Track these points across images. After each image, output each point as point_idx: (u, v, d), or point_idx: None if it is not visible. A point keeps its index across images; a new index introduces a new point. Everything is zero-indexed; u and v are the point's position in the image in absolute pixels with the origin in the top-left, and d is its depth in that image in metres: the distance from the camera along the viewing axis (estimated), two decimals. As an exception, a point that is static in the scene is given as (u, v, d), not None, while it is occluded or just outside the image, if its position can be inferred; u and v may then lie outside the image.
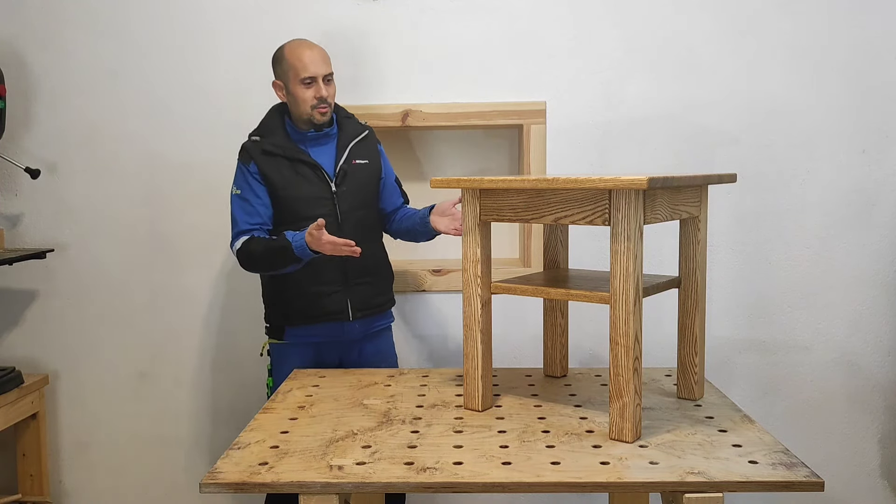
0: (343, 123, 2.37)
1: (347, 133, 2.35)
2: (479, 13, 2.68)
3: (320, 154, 2.31)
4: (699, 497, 1.42)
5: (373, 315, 2.37)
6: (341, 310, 2.30)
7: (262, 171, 2.26)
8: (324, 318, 2.30)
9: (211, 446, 2.84)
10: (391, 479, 1.45)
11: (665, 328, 2.63)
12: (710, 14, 2.65)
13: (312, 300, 2.28)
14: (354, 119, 2.42)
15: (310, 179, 2.27)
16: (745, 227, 2.73)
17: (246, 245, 2.21)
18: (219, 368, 2.82)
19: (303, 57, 2.22)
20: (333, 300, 2.29)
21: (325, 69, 2.25)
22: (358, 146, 2.35)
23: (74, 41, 2.69)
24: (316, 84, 2.23)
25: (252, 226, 2.25)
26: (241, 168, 2.28)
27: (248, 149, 2.29)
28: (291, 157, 2.27)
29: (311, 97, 2.23)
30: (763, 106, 2.68)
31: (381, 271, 2.40)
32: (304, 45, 2.26)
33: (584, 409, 1.84)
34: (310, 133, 2.29)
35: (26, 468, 2.72)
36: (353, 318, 2.31)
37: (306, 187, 2.26)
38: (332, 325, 2.32)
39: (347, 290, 2.30)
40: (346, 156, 2.32)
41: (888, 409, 2.77)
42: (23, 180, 2.72)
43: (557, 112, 2.69)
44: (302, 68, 2.22)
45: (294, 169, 2.26)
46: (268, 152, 2.27)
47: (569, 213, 1.64)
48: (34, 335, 2.80)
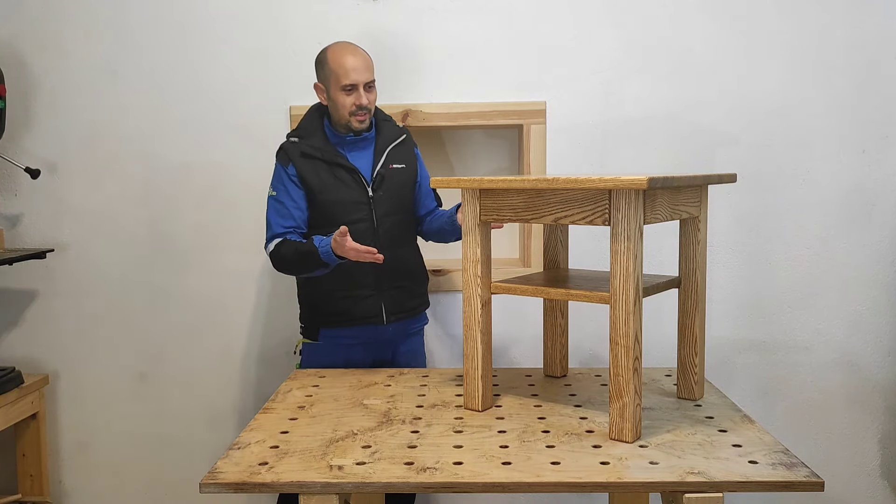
0: (381, 127, 2.36)
1: (385, 137, 2.34)
2: (479, 13, 2.68)
3: (358, 158, 2.30)
4: (699, 497, 1.42)
5: (407, 318, 2.38)
6: (375, 314, 2.30)
7: (300, 173, 2.25)
8: (358, 322, 2.30)
9: (211, 446, 2.84)
10: (391, 479, 1.45)
11: (665, 328, 2.63)
12: (710, 14, 2.65)
13: (347, 303, 2.29)
14: (392, 122, 2.41)
15: (347, 183, 2.26)
16: (745, 227, 2.73)
17: (278, 248, 2.22)
18: (219, 368, 2.82)
19: (345, 63, 2.20)
20: (368, 304, 2.29)
21: (366, 77, 2.22)
22: (395, 150, 2.34)
23: (74, 41, 2.69)
24: (356, 91, 2.21)
25: (286, 229, 2.25)
26: (280, 169, 2.28)
27: (287, 150, 2.28)
28: (330, 161, 2.26)
29: (351, 104, 2.22)
30: (763, 106, 2.68)
31: (415, 275, 2.40)
32: (348, 51, 2.23)
33: (584, 409, 1.84)
34: (348, 137, 2.28)
35: (26, 468, 2.72)
36: (387, 321, 2.32)
37: (344, 191, 2.26)
38: (366, 329, 2.32)
39: (382, 294, 2.30)
40: (384, 160, 2.31)
41: (888, 409, 2.77)
42: (23, 180, 2.72)
43: (557, 112, 2.69)
44: (343, 75, 2.20)
45: (332, 172, 2.26)
46: (306, 154, 2.26)
47: (569, 213, 1.64)
48: (34, 335, 2.80)
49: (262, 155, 2.69)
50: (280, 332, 2.79)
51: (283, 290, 2.76)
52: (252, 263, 2.75)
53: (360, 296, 2.29)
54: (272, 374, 2.81)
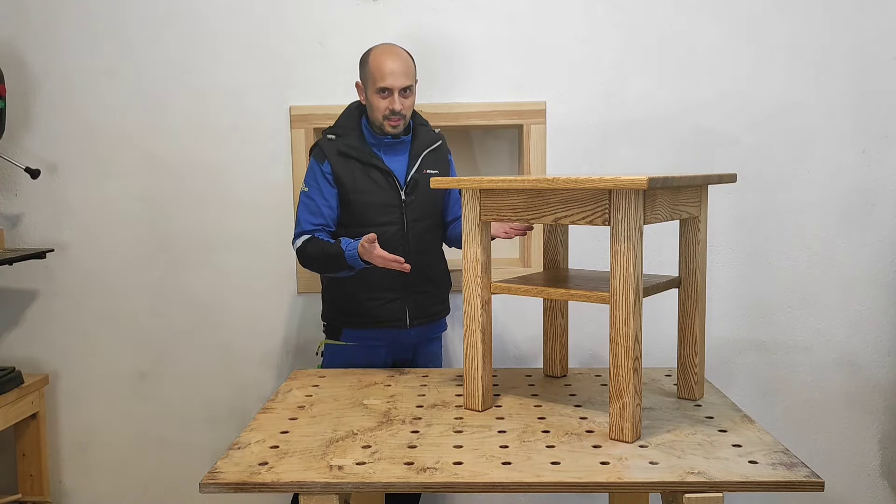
0: (418, 131, 2.35)
1: (421, 141, 2.34)
2: (479, 13, 2.68)
3: (393, 160, 2.29)
4: (699, 497, 1.42)
5: (429, 323, 2.38)
6: (399, 317, 2.30)
7: (335, 171, 2.24)
8: (382, 324, 2.30)
9: (211, 446, 2.84)
10: (391, 479, 1.45)
11: (665, 328, 2.63)
12: (711, 14, 2.65)
13: (372, 306, 2.29)
14: (429, 127, 2.40)
15: (381, 185, 2.26)
16: (745, 227, 2.73)
17: (304, 245, 2.22)
18: (218, 368, 2.82)
19: (383, 66, 2.19)
20: (392, 307, 2.29)
21: (403, 82, 2.20)
22: (430, 155, 2.34)
23: (74, 41, 2.69)
24: (391, 96, 2.19)
25: (314, 226, 2.25)
26: (314, 166, 2.27)
27: (324, 147, 2.27)
28: (365, 161, 2.25)
29: (385, 108, 2.21)
30: (763, 106, 2.68)
31: (440, 281, 2.40)
32: (389, 54, 2.22)
33: (584, 409, 1.84)
34: (386, 139, 2.27)
35: (26, 468, 2.72)
36: (410, 325, 2.32)
37: (377, 193, 2.25)
38: (389, 331, 2.32)
39: (406, 298, 2.30)
40: (419, 165, 2.30)
41: (888, 409, 2.77)
42: (23, 180, 2.72)
43: (557, 112, 2.69)
44: (380, 78, 2.18)
45: (366, 173, 2.25)
46: (342, 153, 2.25)
47: (569, 213, 1.64)
48: (34, 335, 2.80)
49: (261, 155, 2.69)
50: (280, 333, 2.79)
51: (282, 290, 2.76)
52: (252, 263, 2.75)
53: (386, 299, 2.29)
54: (272, 374, 2.81)
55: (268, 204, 2.72)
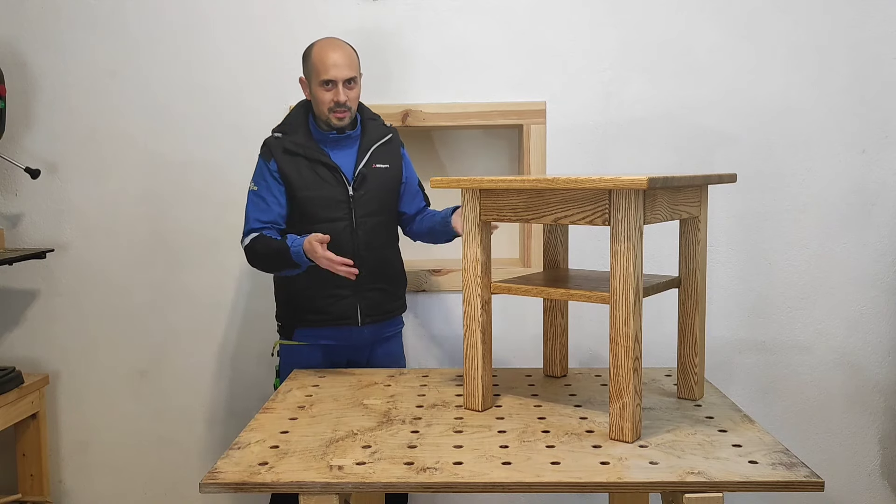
0: (367, 126, 2.35)
1: (371, 136, 2.33)
2: (478, 13, 2.68)
3: (341, 156, 2.29)
4: (699, 497, 1.42)
5: (383, 321, 2.37)
6: (351, 315, 2.29)
7: (281, 169, 2.24)
8: (333, 322, 2.29)
9: (211, 446, 2.84)
10: (391, 479, 1.45)
11: (665, 328, 2.63)
12: (710, 14, 2.65)
13: (323, 303, 2.28)
14: (379, 121, 2.40)
15: (328, 181, 2.25)
16: (745, 227, 2.73)
17: (252, 243, 2.21)
18: (219, 368, 2.82)
19: (326, 59, 2.19)
20: (344, 305, 2.28)
21: (347, 73, 2.20)
22: (380, 149, 2.33)
23: (74, 41, 2.69)
24: (336, 88, 2.20)
25: (263, 224, 2.24)
26: (262, 164, 2.27)
27: (270, 145, 2.28)
28: (311, 158, 2.25)
29: (330, 100, 2.21)
30: (763, 106, 2.68)
31: (394, 277, 2.39)
32: (331, 47, 2.22)
33: (584, 409, 1.84)
34: (331, 135, 2.28)
35: (26, 468, 2.72)
36: (363, 323, 2.31)
37: (324, 189, 2.25)
38: (341, 329, 2.31)
39: (359, 296, 2.29)
40: (367, 159, 2.30)
41: (888, 409, 2.78)
42: (23, 180, 2.72)
43: (557, 112, 2.69)
44: (323, 70, 2.19)
45: (313, 170, 2.25)
46: (289, 151, 2.25)
47: (569, 213, 1.64)
48: (34, 335, 2.80)
49: (262, 155, 2.69)
50: (280, 332, 2.79)
51: (283, 290, 2.76)
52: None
53: (338, 296, 2.27)
54: (272, 374, 2.81)
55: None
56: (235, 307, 2.79)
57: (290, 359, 2.35)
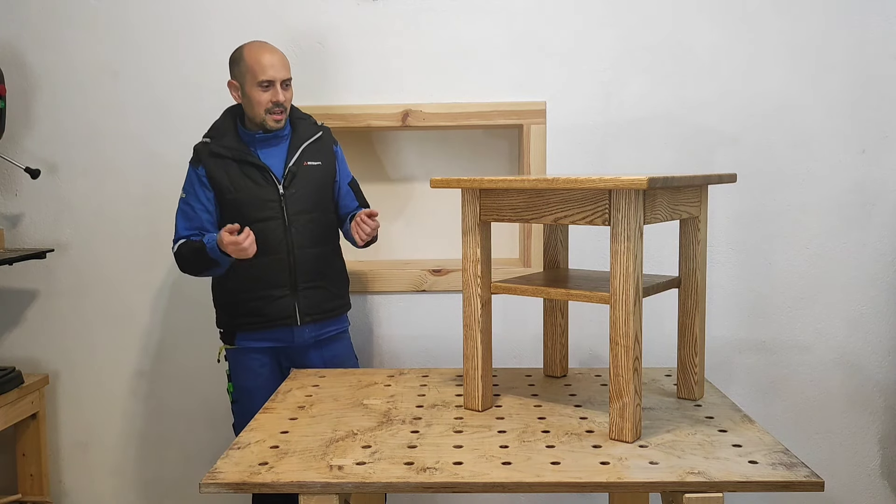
0: (297, 125, 2.35)
1: (300, 134, 2.33)
2: (478, 13, 2.68)
3: (270, 156, 2.29)
4: (699, 497, 1.42)
5: (324, 320, 2.35)
6: (289, 314, 2.28)
7: (209, 174, 2.25)
8: (272, 324, 2.28)
9: (211, 446, 2.84)
10: (391, 479, 1.45)
11: (665, 328, 2.63)
12: (710, 14, 2.65)
13: (259, 305, 2.27)
14: (310, 120, 2.40)
15: (257, 182, 2.25)
16: (745, 227, 2.73)
17: (179, 248, 2.24)
18: (218, 368, 2.81)
19: (262, 60, 2.21)
20: (281, 304, 2.27)
21: (283, 74, 2.23)
22: (311, 147, 2.33)
23: (74, 41, 2.69)
24: (273, 88, 2.21)
25: (190, 231, 2.26)
26: (191, 171, 2.28)
27: (199, 151, 2.29)
28: (240, 159, 2.25)
29: (267, 101, 2.22)
30: (763, 106, 2.68)
31: (332, 275, 2.37)
32: (265, 48, 2.24)
33: (584, 409, 1.84)
34: (258, 135, 2.27)
35: (26, 468, 2.72)
36: (302, 322, 2.29)
37: (253, 190, 2.25)
38: (281, 331, 2.30)
39: (295, 295, 2.28)
40: (297, 157, 2.29)
41: (888, 409, 2.78)
42: (23, 180, 2.72)
43: (557, 112, 2.69)
44: (261, 71, 2.20)
45: (242, 171, 2.25)
46: (216, 154, 2.26)
47: (569, 213, 1.64)
48: (34, 335, 2.80)
49: (262, 155, 2.69)
50: (280, 332, 2.79)
51: (283, 290, 2.76)
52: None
53: (274, 296, 2.27)
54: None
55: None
56: (235, 307, 2.78)
57: (237, 364, 2.35)
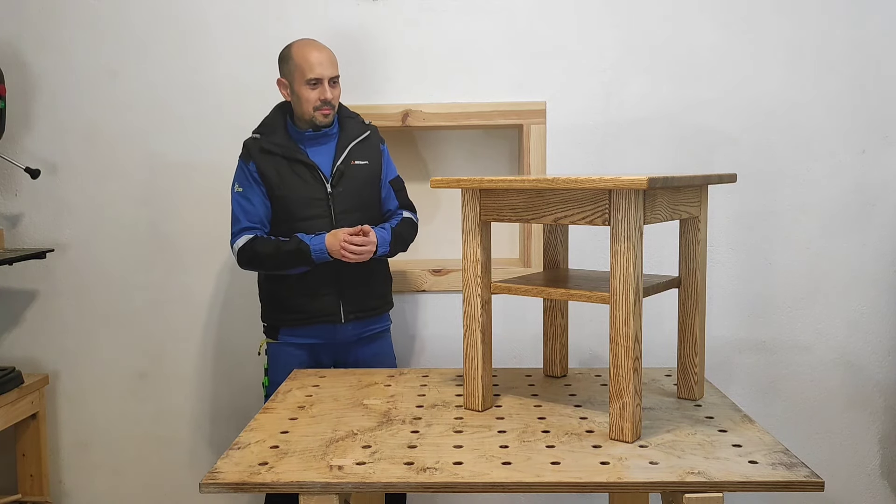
0: (345, 123, 2.36)
1: (348, 133, 2.35)
2: (479, 13, 2.68)
3: (318, 154, 2.31)
4: (699, 497, 1.42)
5: (367, 318, 2.37)
6: (333, 312, 2.30)
7: (260, 169, 2.27)
8: (316, 320, 2.30)
9: (211, 446, 2.84)
10: (391, 479, 1.45)
11: (665, 328, 2.63)
12: (710, 14, 2.65)
13: (305, 301, 2.29)
14: (358, 119, 2.41)
15: (306, 180, 2.27)
16: (745, 227, 2.73)
17: (251, 244, 2.23)
18: (219, 368, 2.82)
19: (310, 57, 2.22)
20: (325, 302, 2.29)
21: (331, 71, 2.25)
22: (358, 147, 2.34)
23: (74, 41, 2.69)
24: (321, 86, 2.23)
25: (253, 224, 2.27)
26: (242, 166, 2.30)
27: (249, 147, 2.31)
28: (289, 157, 2.27)
29: (315, 98, 2.23)
30: (762, 106, 2.68)
31: (377, 274, 2.39)
32: (313, 46, 2.26)
33: (584, 409, 1.84)
34: (307, 133, 2.29)
35: (26, 468, 2.72)
36: (345, 320, 2.31)
37: (302, 188, 2.26)
38: (324, 327, 2.32)
39: (340, 293, 2.30)
40: (345, 156, 2.31)
41: (888, 409, 2.77)
42: (23, 180, 2.72)
43: (557, 112, 2.69)
44: (308, 69, 2.22)
45: (291, 168, 2.27)
46: (266, 151, 2.27)
47: (569, 213, 1.64)
48: (34, 335, 2.80)
49: (262, 155, 2.69)
50: (280, 332, 2.79)
51: (283, 290, 2.76)
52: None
53: (318, 293, 2.29)
54: (272, 374, 2.81)
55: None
56: (235, 307, 2.78)
57: (276, 358, 2.37)
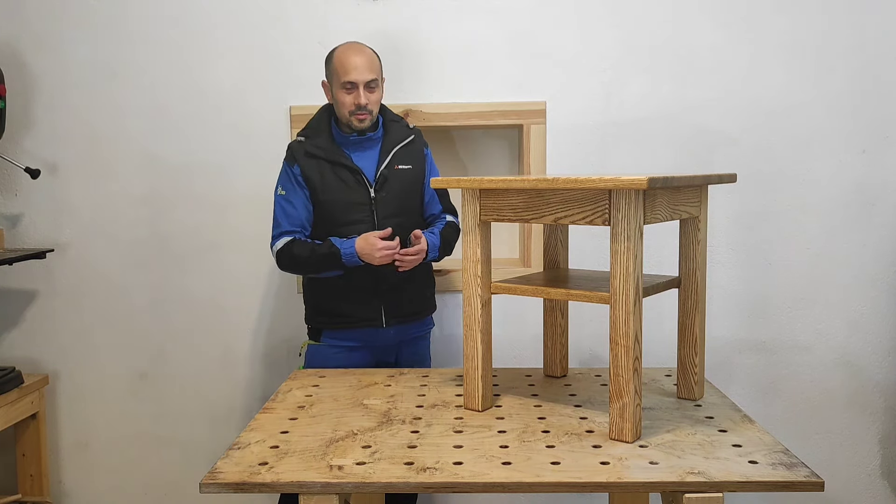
0: (389, 127, 2.36)
1: (392, 137, 2.34)
2: (479, 13, 2.68)
3: (363, 158, 2.30)
4: (699, 497, 1.42)
5: (409, 322, 2.37)
6: (375, 316, 2.30)
7: (304, 173, 2.26)
8: (358, 324, 2.31)
9: (211, 446, 2.84)
10: (391, 479, 1.45)
11: (665, 328, 2.63)
12: (710, 14, 2.65)
13: (346, 306, 2.30)
14: (403, 122, 2.41)
15: (349, 184, 2.27)
16: (745, 227, 2.73)
17: (289, 247, 2.23)
18: (218, 368, 2.82)
19: (346, 62, 2.22)
20: (368, 306, 2.30)
21: (367, 76, 2.22)
22: (402, 150, 2.34)
23: (74, 41, 2.69)
24: (356, 90, 2.22)
25: (294, 227, 2.27)
26: (286, 169, 2.30)
27: (293, 149, 2.30)
28: (333, 161, 2.27)
29: (351, 103, 2.23)
30: (763, 106, 2.68)
31: (418, 278, 2.38)
32: (352, 50, 2.25)
33: (584, 409, 1.84)
34: (352, 137, 2.29)
35: (26, 468, 2.72)
36: (387, 325, 2.32)
37: (345, 192, 2.26)
38: (366, 331, 2.32)
39: (382, 297, 2.30)
40: (389, 161, 2.30)
41: (888, 409, 2.77)
42: (23, 180, 2.72)
43: (557, 112, 2.69)
44: (343, 73, 2.21)
45: (335, 172, 2.27)
46: (311, 154, 2.27)
47: (569, 213, 1.64)
48: (34, 335, 2.80)
49: (261, 155, 2.69)
50: (280, 332, 2.79)
51: (282, 290, 2.76)
52: (252, 263, 2.75)
53: (361, 298, 2.29)
54: (272, 374, 2.81)
55: (268, 204, 2.70)
56: (235, 308, 2.78)
57: (315, 359, 2.37)
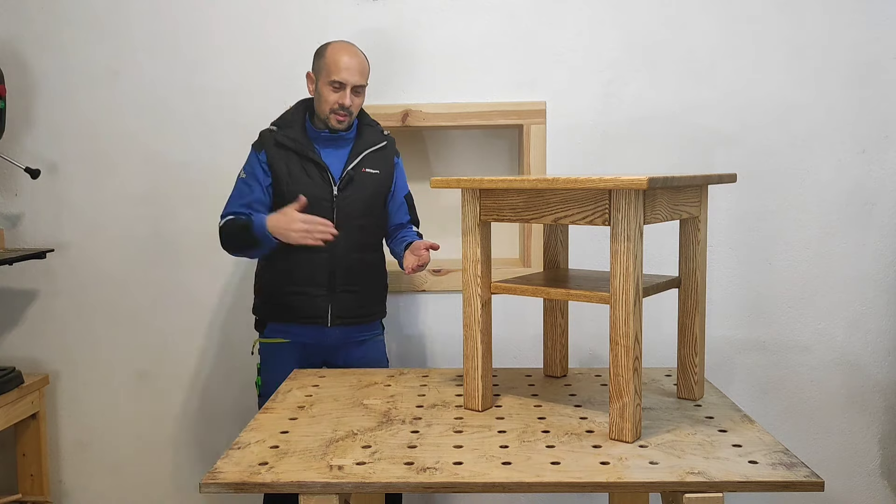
0: (363, 130, 2.36)
1: (365, 140, 2.34)
2: (479, 13, 2.68)
3: (331, 155, 2.31)
4: (699, 497, 1.42)
5: (354, 325, 2.36)
6: (320, 315, 2.30)
7: (270, 161, 2.27)
8: (303, 320, 2.31)
9: (211, 446, 2.84)
10: (391, 479, 1.45)
11: (665, 328, 2.63)
12: (711, 14, 2.65)
13: (296, 300, 2.29)
14: (378, 128, 2.41)
15: (314, 179, 2.27)
16: (745, 227, 2.73)
17: (224, 224, 2.25)
18: (218, 368, 2.82)
19: (339, 61, 2.22)
20: (315, 304, 2.29)
21: (357, 80, 2.23)
22: (373, 154, 2.34)
23: (74, 41, 2.69)
24: (343, 91, 2.22)
25: (240, 208, 2.27)
26: (252, 154, 2.31)
27: (264, 137, 2.31)
28: (301, 153, 2.27)
29: (334, 101, 2.23)
30: (763, 106, 2.68)
31: (371, 282, 2.38)
32: (346, 50, 2.25)
33: (584, 409, 1.84)
34: (323, 133, 2.29)
35: (26, 468, 2.72)
36: (332, 324, 2.31)
37: (309, 186, 2.26)
38: (311, 328, 2.32)
39: (331, 296, 2.30)
40: (358, 162, 2.31)
41: (888, 409, 2.77)
42: (23, 180, 2.72)
43: (557, 112, 2.69)
44: (335, 71, 2.21)
45: (302, 165, 2.27)
46: (280, 144, 2.28)
47: (569, 213, 1.64)
48: (34, 335, 2.80)
49: (262, 155, 2.69)
50: (280, 332, 2.79)
51: (283, 290, 2.76)
52: (252, 263, 2.74)
53: (310, 294, 2.29)
54: (272, 374, 2.80)
55: (268, 204, 2.73)
56: (235, 307, 2.78)
57: (268, 357, 2.37)
